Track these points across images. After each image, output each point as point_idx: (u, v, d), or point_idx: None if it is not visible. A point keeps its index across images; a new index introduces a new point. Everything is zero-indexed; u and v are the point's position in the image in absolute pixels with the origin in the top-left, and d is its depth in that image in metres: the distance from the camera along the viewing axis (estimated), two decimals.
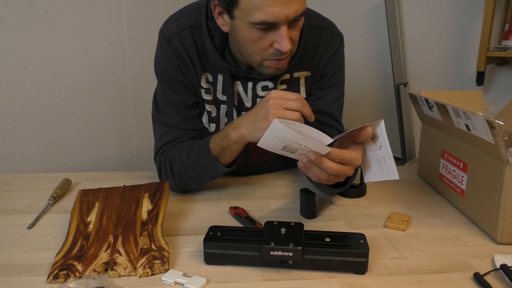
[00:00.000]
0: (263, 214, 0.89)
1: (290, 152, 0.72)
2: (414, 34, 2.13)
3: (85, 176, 1.12)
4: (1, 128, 1.53)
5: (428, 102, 0.95)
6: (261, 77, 0.95)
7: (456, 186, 0.91)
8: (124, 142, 1.88)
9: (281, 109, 0.76)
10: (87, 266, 0.67)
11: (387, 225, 0.84)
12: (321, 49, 0.97)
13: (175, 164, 0.94)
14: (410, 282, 0.66)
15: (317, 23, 0.98)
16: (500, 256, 0.71)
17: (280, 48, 0.81)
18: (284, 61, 0.87)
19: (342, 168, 0.72)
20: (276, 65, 0.87)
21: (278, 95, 0.77)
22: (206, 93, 0.98)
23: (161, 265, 0.68)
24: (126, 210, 0.81)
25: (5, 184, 1.06)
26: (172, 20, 0.96)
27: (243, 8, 0.78)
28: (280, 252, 0.66)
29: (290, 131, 0.67)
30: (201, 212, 0.91)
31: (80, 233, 0.76)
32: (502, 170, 0.74)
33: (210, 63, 0.95)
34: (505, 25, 1.87)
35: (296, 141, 0.68)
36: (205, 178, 0.96)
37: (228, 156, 0.89)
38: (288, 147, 0.70)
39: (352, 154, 0.72)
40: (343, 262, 0.67)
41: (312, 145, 0.69)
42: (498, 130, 0.71)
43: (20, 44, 1.52)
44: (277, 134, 0.68)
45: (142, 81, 1.83)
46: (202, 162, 0.91)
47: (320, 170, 0.72)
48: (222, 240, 0.70)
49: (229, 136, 0.85)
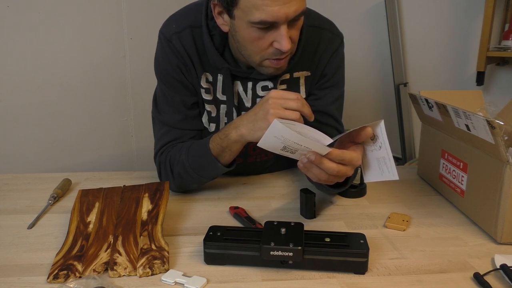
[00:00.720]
0: (263, 214, 0.89)
1: (290, 153, 0.72)
2: (414, 34, 2.13)
3: (85, 176, 1.12)
4: (1, 128, 1.53)
5: (428, 102, 0.95)
6: (261, 77, 0.95)
7: (456, 186, 0.91)
8: (124, 142, 1.88)
9: (280, 109, 0.76)
10: (87, 266, 0.67)
11: (387, 225, 0.84)
12: (321, 49, 0.97)
13: (175, 164, 0.94)
14: (410, 282, 0.66)
15: (317, 23, 0.98)
16: (500, 256, 0.71)
17: (280, 47, 0.81)
18: (284, 61, 0.87)
19: (342, 169, 0.72)
20: (275, 65, 0.87)
21: (277, 95, 0.78)
22: (206, 93, 0.98)
23: (161, 265, 0.68)
24: (126, 210, 0.81)
25: (5, 184, 1.06)
26: (172, 20, 0.96)
27: (242, 7, 0.78)
28: (280, 252, 0.66)
29: (290, 131, 0.67)
30: (201, 212, 0.91)
31: (80, 233, 0.76)
32: (502, 170, 0.74)
33: (210, 63, 0.95)
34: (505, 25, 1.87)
35: (296, 141, 0.68)
36: (205, 178, 0.96)
37: (228, 156, 0.89)
38: (288, 147, 0.70)
39: (352, 155, 0.72)
40: (343, 262, 0.67)
41: (312, 145, 0.69)
42: (498, 130, 0.71)
43: (20, 44, 1.52)
44: (277, 134, 0.68)
45: (142, 81, 1.83)
46: (202, 162, 0.91)
47: (320, 171, 0.72)
48: (222, 240, 0.70)
49: (228, 136, 0.85)
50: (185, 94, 0.97)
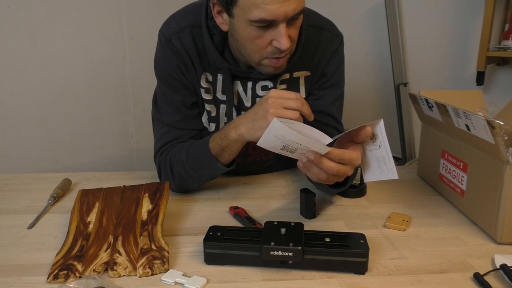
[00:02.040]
0: (263, 214, 0.89)
1: (289, 152, 0.72)
2: (414, 34, 2.13)
3: (85, 176, 1.12)
4: (1, 128, 1.53)
5: (428, 102, 0.95)
6: (260, 76, 0.95)
7: (456, 186, 0.91)
8: (124, 142, 1.88)
9: (280, 108, 0.76)
10: (87, 266, 0.67)
11: (387, 225, 0.84)
12: (321, 48, 0.97)
13: (175, 164, 0.94)
14: (410, 282, 0.66)
15: (317, 23, 0.98)
16: (500, 256, 0.71)
17: (279, 46, 0.81)
18: (283, 60, 0.87)
19: (342, 168, 0.72)
20: (275, 64, 0.87)
21: (277, 94, 0.78)
22: (206, 92, 0.98)
23: (161, 265, 0.68)
24: (126, 210, 0.81)
25: (5, 184, 1.06)
26: (172, 20, 0.96)
27: (241, 6, 0.78)
28: (280, 252, 0.66)
29: (289, 130, 0.67)
30: (201, 212, 0.91)
31: (80, 233, 0.76)
32: (502, 170, 0.74)
33: (210, 62, 0.95)
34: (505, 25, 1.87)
35: (296, 140, 0.68)
36: (204, 178, 0.96)
37: (227, 155, 0.89)
38: (287, 146, 0.70)
39: (352, 154, 0.72)
40: (343, 262, 0.67)
41: (312, 144, 0.69)
42: (498, 130, 0.71)
43: (20, 44, 1.52)
44: (277, 133, 0.68)
45: (142, 81, 1.83)
46: (201, 162, 0.91)
47: (319, 170, 0.72)
48: (222, 240, 0.70)
49: (228, 136, 0.85)
50: (185, 94, 0.97)
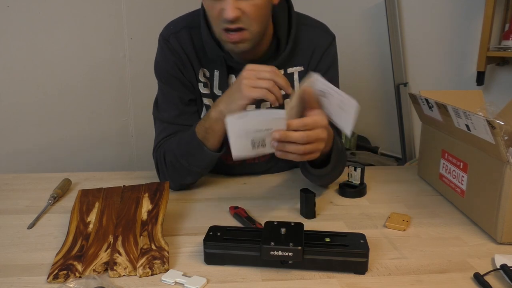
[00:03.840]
0: (263, 214, 0.89)
1: (261, 146, 0.73)
2: (414, 34, 2.12)
3: (85, 176, 1.12)
4: (2, 127, 1.53)
5: (428, 102, 0.95)
6: None
7: (456, 186, 0.91)
8: (124, 142, 1.88)
9: (254, 79, 0.79)
10: (87, 266, 0.67)
11: (387, 225, 0.84)
12: (313, 44, 1.00)
13: (167, 154, 0.96)
14: (410, 282, 0.66)
15: (309, 22, 1.01)
16: (500, 256, 0.71)
17: (225, 15, 0.82)
18: (237, 36, 0.85)
19: (312, 134, 0.72)
20: (229, 39, 0.86)
21: (251, 67, 0.81)
22: (204, 86, 1.00)
23: (161, 265, 0.68)
24: (126, 210, 0.81)
25: (5, 184, 1.06)
26: (171, 23, 1.00)
27: None
28: (280, 252, 0.66)
29: (245, 119, 0.69)
30: (201, 212, 0.91)
31: (80, 233, 0.76)
32: (502, 170, 0.74)
33: (207, 58, 0.97)
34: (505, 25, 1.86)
35: (256, 127, 0.69)
36: (195, 167, 0.95)
37: (212, 137, 0.89)
38: (255, 140, 0.71)
39: (313, 117, 0.73)
40: (343, 262, 0.67)
41: (271, 124, 0.70)
42: (498, 130, 0.71)
43: (20, 44, 1.52)
44: (238, 131, 0.69)
45: (142, 81, 1.83)
46: (189, 148, 0.92)
47: (294, 145, 0.73)
48: (222, 240, 0.70)
49: (209, 115, 0.88)
50: (182, 90, 0.99)
